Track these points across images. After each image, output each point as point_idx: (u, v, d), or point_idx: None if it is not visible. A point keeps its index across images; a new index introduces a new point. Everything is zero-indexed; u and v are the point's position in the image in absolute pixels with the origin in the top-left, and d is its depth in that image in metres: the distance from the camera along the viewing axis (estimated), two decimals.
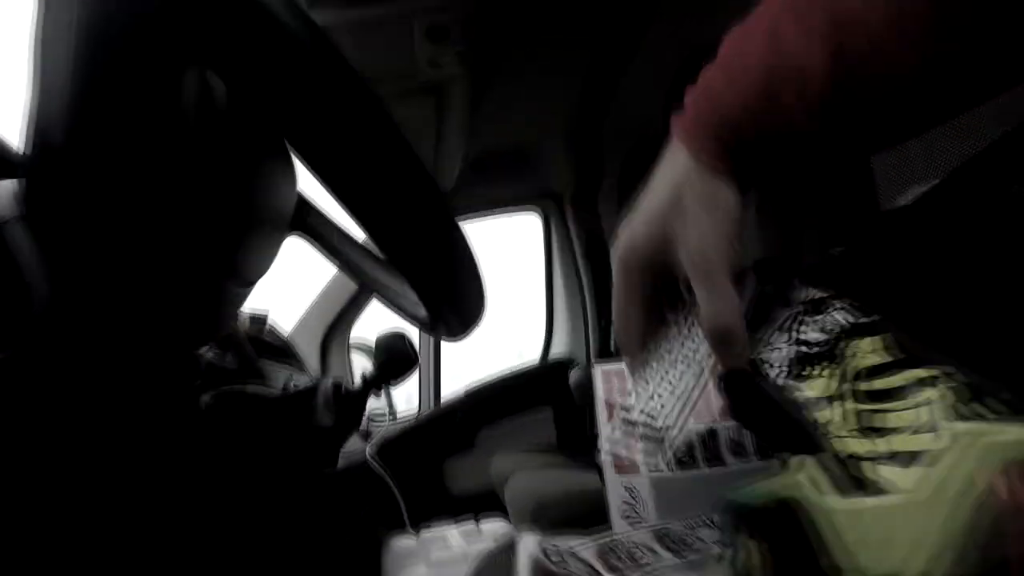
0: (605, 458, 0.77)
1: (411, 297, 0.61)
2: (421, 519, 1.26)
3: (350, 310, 2.51)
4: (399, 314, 0.69)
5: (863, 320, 0.42)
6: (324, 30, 0.37)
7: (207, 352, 1.05)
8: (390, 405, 2.38)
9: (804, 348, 0.44)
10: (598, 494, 1.22)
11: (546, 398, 2.51)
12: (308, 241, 0.72)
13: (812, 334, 0.45)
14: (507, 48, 1.97)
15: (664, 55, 1.87)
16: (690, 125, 0.43)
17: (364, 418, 2.09)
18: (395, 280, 0.67)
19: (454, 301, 0.56)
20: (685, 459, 0.76)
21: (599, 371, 0.83)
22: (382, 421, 2.15)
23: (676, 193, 0.42)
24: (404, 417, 2.51)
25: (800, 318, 0.47)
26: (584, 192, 2.80)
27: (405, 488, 1.67)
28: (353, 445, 1.64)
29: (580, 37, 2.00)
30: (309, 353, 2.37)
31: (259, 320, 1.44)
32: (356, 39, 1.55)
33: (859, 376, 0.39)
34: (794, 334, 0.46)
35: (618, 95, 2.31)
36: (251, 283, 0.62)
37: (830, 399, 0.39)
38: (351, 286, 2.47)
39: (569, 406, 2.51)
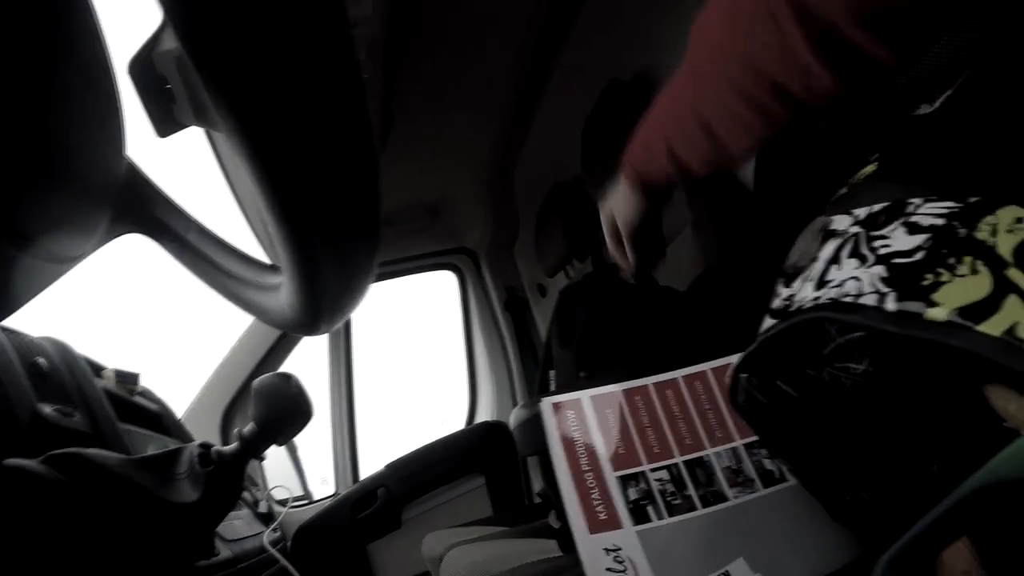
0: (574, 516, 0.61)
1: (282, 291, 0.46)
2: None
3: (250, 387, 2.25)
4: (263, 317, 0.53)
5: (972, 200, 0.32)
6: None
7: (46, 410, 0.84)
8: (304, 486, 2.13)
9: (900, 259, 0.33)
10: (561, 566, 1.05)
11: (476, 465, 2.34)
12: (154, 238, 0.56)
13: (900, 242, 0.34)
14: (414, 106, 1.91)
15: (571, 102, 1.82)
16: (624, 155, 0.78)
17: (265, 496, 1.87)
18: (263, 274, 0.51)
19: (343, 254, 0.41)
20: (675, 501, 0.62)
21: (548, 405, 0.68)
22: (293, 504, 1.90)
23: (617, 189, 0.85)
24: (320, 500, 2.27)
25: (865, 238, 0.36)
26: (499, 245, 2.74)
27: None
28: (247, 529, 1.42)
29: (485, 90, 1.96)
30: (208, 430, 2.10)
31: (128, 378, 1.22)
32: None
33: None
34: (869, 254, 0.35)
35: (526, 145, 2.26)
36: (49, 256, 0.47)
37: (996, 295, 0.29)
38: (258, 352, 2.26)
39: (503, 470, 2.35)
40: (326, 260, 0.41)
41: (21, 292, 0.49)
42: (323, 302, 0.45)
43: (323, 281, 0.43)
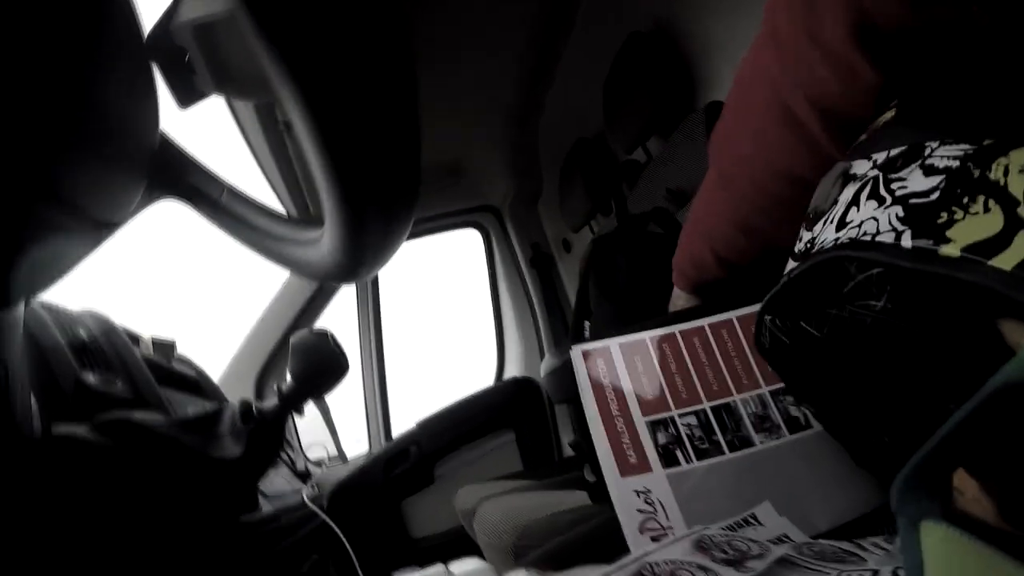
0: (604, 459, 0.61)
1: (320, 245, 0.47)
2: (382, 569, 1.10)
3: (285, 347, 2.30)
4: (303, 271, 0.54)
5: (986, 142, 0.33)
6: None
7: (90, 378, 0.87)
8: (338, 445, 2.18)
9: (917, 199, 0.34)
10: (594, 513, 1.07)
11: (506, 420, 2.36)
12: (189, 203, 0.57)
13: (916, 183, 0.35)
14: (432, 61, 1.88)
15: (592, 56, 1.79)
16: (675, 268, 0.83)
17: (300, 456, 1.91)
18: (299, 229, 0.52)
19: (388, 195, 0.42)
20: (703, 446, 0.62)
21: (578, 352, 0.69)
22: (324, 464, 1.95)
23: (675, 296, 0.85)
24: (355, 459, 2.32)
25: (883, 180, 0.37)
26: (523, 202, 2.73)
27: (360, 536, 1.48)
28: (287, 486, 1.46)
29: (505, 45, 1.94)
30: (243, 393, 2.15)
31: (165, 346, 1.25)
32: None
33: None
34: (887, 195, 0.36)
35: (548, 100, 2.23)
36: (87, 219, 0.48)
37: (1007, 232, 0.30)
38: (288, 316, 2.30)
39: (532, 426, 2.38)
40: (372, 209, 0.42)
41: (67, 259, 0.50)
42: (366, 250, 0.47)
43: (368, 229, 0.44)
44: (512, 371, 2.64)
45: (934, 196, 0.33)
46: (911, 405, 0.40)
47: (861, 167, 0.40)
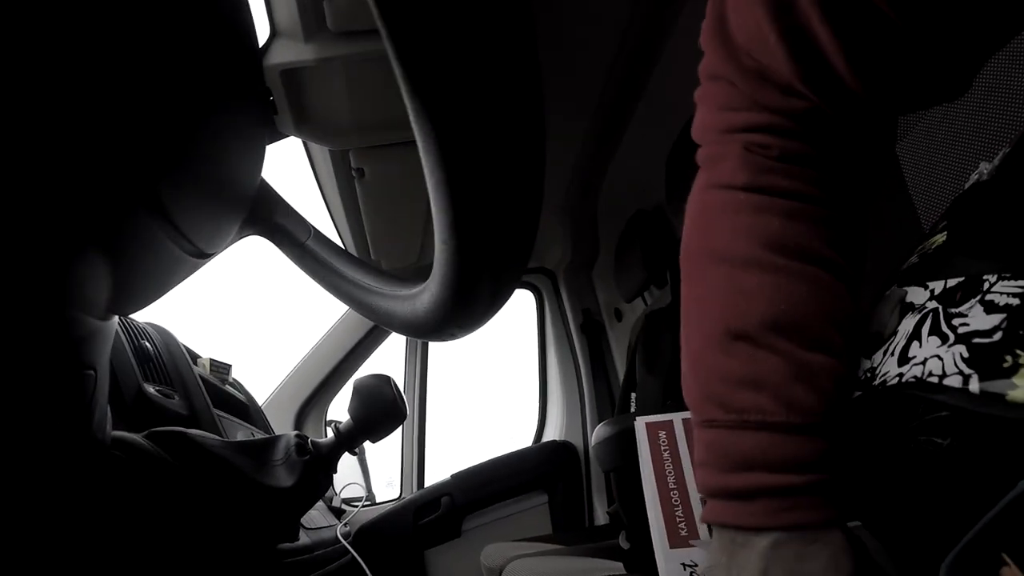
0: (656, 530, 0.62)
1: (415, 301, 0.49)
2: None
3: (329, 384, 2.35)
4: (384, 321, 0.56)
5: None
6: None
7: (150, 389, 0.91)
8: (368, 487, 2.19)
9: (980, 339, 0.34)
10: None
11: (541, 483, 2.36)
12: (276, 242, 0.60)
13: (978, 321, 0.35)
14: None
15: (657, 129, 1.82)
16: None
17: (336, 495, 1.93)
18: (386, 282, 0.55)
19: (503, 264, 0.44)
20: None
21: (641, 424, 0.70)
22: (357, 503, 1.97)
23: None
24: (384, 503, 2.33)
25: (943, 315, 0.37)
26: (578, 267, 2.75)
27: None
28: (322, 520, 1.48)
29: (572, 113, 1.97)
30: (281, 423, 2.20)
31: (221, 368, 1.30)
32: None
33: None
34: (949, 333, 0.36)
35: (611, 168, 2.27)
36: (185, 242, 0.51)
37: None
38: (337, 355, 2.35)
39: (566, 490, 2.36)
40: (486, 277, 0.44)
41: (165, 281, 0.54)
42: (467, 314, 0.49)
43: (476, 295, 0.46)
44: (551, 434, 2.62)
45: (997, 336, 0.34)
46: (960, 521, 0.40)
47: (918, 296, 0.40)
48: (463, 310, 0.48)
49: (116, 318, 0.60)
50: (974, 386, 0.34)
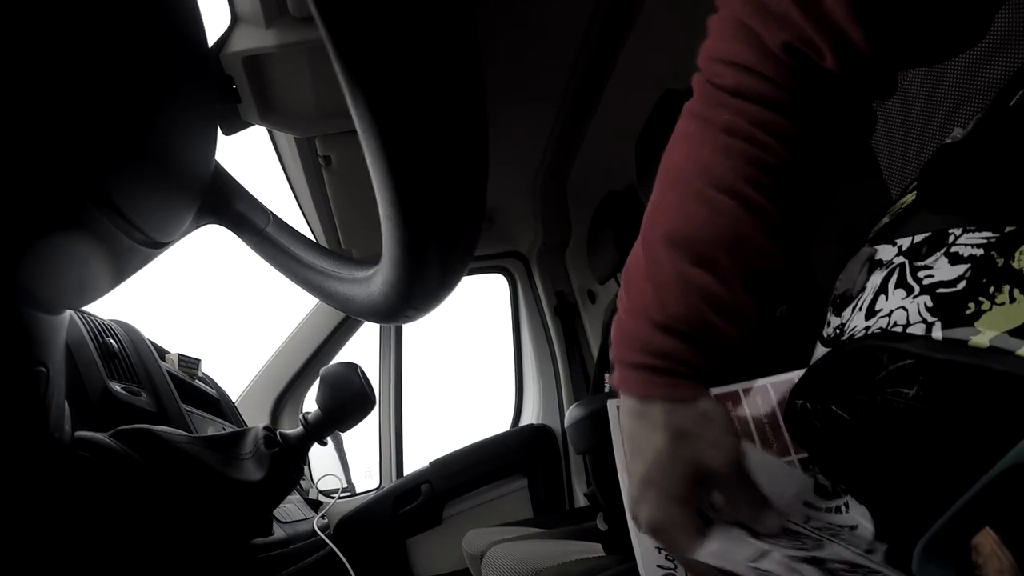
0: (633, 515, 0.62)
1: (369, 284, 0.48)
2: None
3: (303, 376, 2.33)
4: (344, 306, 0.55)
5: (1008, 230, 0.34)
6: None
7: (116, 387, 0.89)
8: (348, 478, 2.18)
9: (944, 289, 0.35)
10: (606, 564, 1.06)
11: (520, 467, 2.36)
12: (234, 230, 0.59)
13: (943, 272, 0.36)
14: None
15: (625, 111, 1.82)
16: None
17: (313, 487, 1.92)
18: (346, 267, 0.54)
19: (451, 241, 0.43)
20: None
21: (613, 405, 0.69)
22: (334, 495, 1.96)
23: None
24: (364, 492, 2.32)
25: (909, 268, 0.38)
26: (550, 250, 2.76)
27: (364, 570, 1.47)
28: (298, 513, 1.47)
29: (540, 97, 1.97)
30: (257, 417, 2.17)
31: (190, 363, 1.28)
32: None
33: None
34: (914, 284, 0.37)
35: (580, 152, 2.26)
36: (137, 233, 0.49)
37: None
38: (310, 346, 2.33)
39: (546, 474, 2.37)
40: (433, 255, 0.43)
41: (117, 272, 0.52)
42: (419, 294, 0.48)
43: (425, 274, 0.45)
44: (529, 418, 2.63)
45: (960, 286, 0.34)
46: (938, 481, 0.41)
47: (886, 253, 0.41)
48: (415, 288, 0.47)
49: (68, 312, 0.58)
50: (937, 333, 0.35)
